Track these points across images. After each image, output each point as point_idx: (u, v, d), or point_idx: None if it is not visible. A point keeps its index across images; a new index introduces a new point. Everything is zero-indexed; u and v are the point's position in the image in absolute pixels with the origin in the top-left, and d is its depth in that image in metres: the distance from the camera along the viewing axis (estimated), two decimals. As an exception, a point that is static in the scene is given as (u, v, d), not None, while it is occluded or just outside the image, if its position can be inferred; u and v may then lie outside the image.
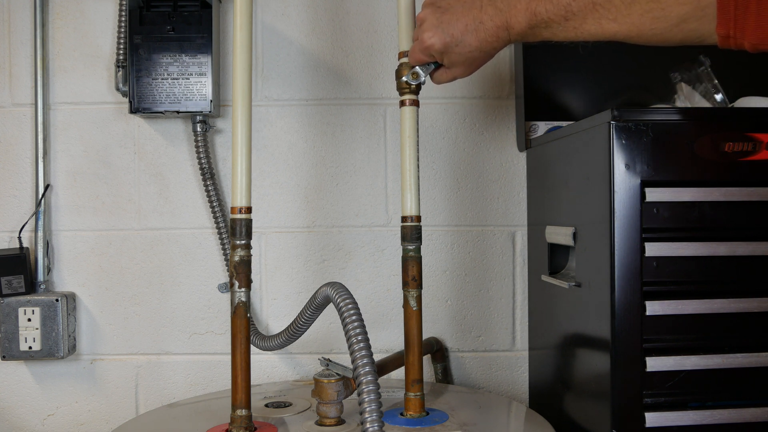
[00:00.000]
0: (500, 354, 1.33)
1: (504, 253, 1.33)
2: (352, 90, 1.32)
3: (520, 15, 0.80)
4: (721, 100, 1.13)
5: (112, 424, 1.30)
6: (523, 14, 0.80)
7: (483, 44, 0.85)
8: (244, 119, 0.95)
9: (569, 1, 0.75)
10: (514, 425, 1.06)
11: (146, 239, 1.32)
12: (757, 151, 0.88)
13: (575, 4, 0.75)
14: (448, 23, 0.86)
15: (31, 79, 1.30)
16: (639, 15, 0.71)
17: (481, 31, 0.84)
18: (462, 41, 0.86)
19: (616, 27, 0.73)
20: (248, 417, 0.95)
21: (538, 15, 0.78)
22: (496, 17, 0.82)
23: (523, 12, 0.80)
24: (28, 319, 1.24)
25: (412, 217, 1.01)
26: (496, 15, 0.83)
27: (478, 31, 0.84)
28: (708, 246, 0.89)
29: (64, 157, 1.31)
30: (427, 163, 1.32)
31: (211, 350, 1.32)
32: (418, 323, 1.01)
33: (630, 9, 0.71)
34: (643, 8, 0.70)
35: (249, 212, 0.95)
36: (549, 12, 0.77)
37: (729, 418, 0.88)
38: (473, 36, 0.85)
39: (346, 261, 1.32)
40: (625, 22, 0.72)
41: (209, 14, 1.22)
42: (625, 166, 0.87)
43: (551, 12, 0.77)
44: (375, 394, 0.78)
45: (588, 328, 0.97)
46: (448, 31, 0.86)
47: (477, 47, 0.85)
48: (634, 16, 0.71)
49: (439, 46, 0.87)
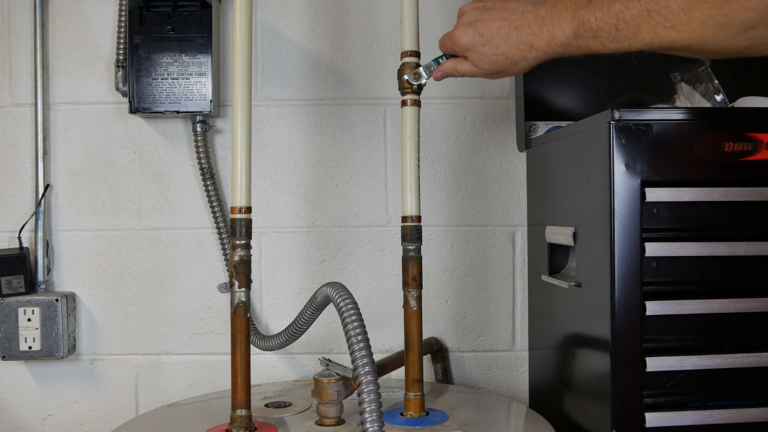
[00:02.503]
0: (500, 354, 1.33)
1: (504, 253, 1.32)
2: (352, 90, 1.32)
3: (565, 23, 0.75)
4: (721, 100, 1.13)
5: (112, 424, 1.30)
6: (569, 22, 0.75)
7: (510, 50, 0.81)
8: (243, 119, 0.95)
9: (621, 8, 0.71)
10: (514, 425, 1.06)
11: (146, 239, 1.31)
12: (757, 151, 0.88)
13: (628, 12, 0.70)
14: (483, 22, 0.83)
15: (31, 79, 1.30)
16: (700, 22, 0.66)
17: (513, 37, 0.80)
18: (490, 42, 0.82)
19: (674, 35, 0.68)
20: (248, 417, 0.95)
21: (586, 23, 0.73)
22: (535, 25, 0.78)
23: (569, 20, 0.75)
24: (28, 319, 1.24)
25: (412, 217, 1.01)
26: (536, 23, 0.78)
27: (510, 36, 0.80)
28: (708, 246, 0.89)
29: (64, 157, 1.31)
30: (427, 163, 1.32)
31: (211, 350, 1.32)
32: (418, 323, 1.01)
33: (690, 16, 0.67)
34: (704, 15, 0.66)
35: (249, 212, 0.95)
36: (599, 20, 0.72)
37: (729, 418, 0.88)
38: (503, 40, 0.81)
39: (346, 261, 1.32)
40: (685, 30, 0.67)
41: (209, 14, 1.22)
42: (625, 166, 0.87)
43: (601, 20, 0.72)
44: (375, 394, 0.78)
45: (588, 328, 0.97)
46: (479, 30, 0.83)
47: (503, 52, 0.82)
48: (694, 24, 0.67)
49: (465, 42, 0.84)
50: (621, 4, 0.71)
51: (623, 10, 0.71)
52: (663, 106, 1.15)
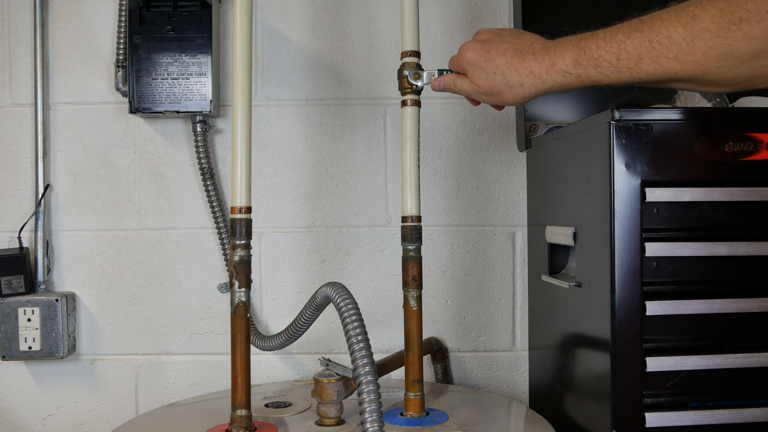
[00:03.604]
0: (500, 354, 1.33)
1: (504, 253, 1.32)
2: (352, 90, 1.32)
3: (567, 52, 0.76)
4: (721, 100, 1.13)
5: (112, 424, 1.30)
6: (571, 51, 0.75)
7: (509, 71, 0.81)
8: (244, 119, 0.95)
9: (623, 38, 0.70)
10: (514, 425, 1.06)
11: (146, 239, 1.31)
12: (757, 151, 0.88)
13: (630, 42, 0.70)
14: (493, 42, 0.84)
15: (31, 79, 1.30)
16: (703, 52, 0.65)
17: (516, 60, 0.80)
18: (492, 60, 0.82)
19: (677, 66, 0.67)
20: (248, 417, 0.95)
21: (587, 51, 0.73)
22: (540, 53, 0.79)
23: (572, 49, 0.75)
24: (27, 319, 1.24)
25: (412, 217, 1.01)
26: (541, 51, 0.79)
27: (513, 58, 0.81)
28: (708, 246, 0.89)
29: (64, 157, 1.31)
30: (428, 163, 1.32)
31: (211, 350, 1.32)
32: (418, 323, 1.01)
33: (692, 46, 0.66)
34: (707, 44, 0.65)
35: (249, 212, 0.95)
36: (600, 48, 0.72)
37: (729, 418, 0.88)
38: (505, 60, 0.81)
39: (346, 261, 1.32)
40: (688, 60, 0.66)
41: (209, 14, 1.22)
42: (625, 166, 0.87)
43: (603, 49, 0.72)
44: (375, 394, 0.78)
45: (588, 328, 0.97)
46: (487, 48, 0.84)
47: (502, 72, 0.81)
48: (697, 54, 0.66)
49: (470, 56, 0.85)
50: (623, 34, 0.71)
51: (625, 40, 0.70)
52: (663, 106, 1.15)
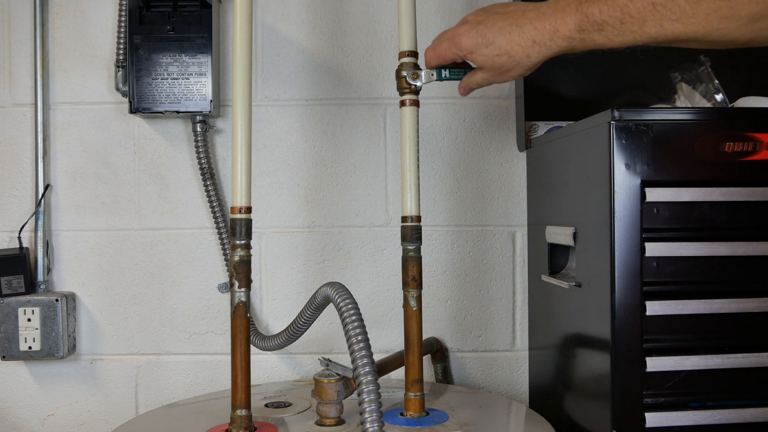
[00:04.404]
0: (500, 354, 1.33)
1: (504, 253, 1.32)
2: (352, 90, 1.32)
3: (568, 17, 0.75)
4: (721, 100, 1.13)
5: (112, 424, 1.30)
6: (573, 16, 0.74)
7: (514, 49, 0.80)
8: (244, 119, 0.95)
9: (626, 2, 0.70)
10: (514, 425, 1.06)
11: (146, 239, 1.31)
12: (757, 151, 0.88)
13: (633, 5, 0.70)
14: (485, 24, 0.82)
15: (31, 79, 1.30)
16: (706, 14, 0.66)
17: (515, 34, 0.79)
18: (492, 43, 0.81)
19: (680, 28, 0.68)
20: (248, 417, 0.95)
21: (590, 16, 0.73)
22: (537, 21, 0.78)
23: (573, 14, 0.74)
24: (27, 319, 1.24)
25: (412, 217, 1.01)
26: (538, 19, 0.78)
27: (512, 34, 0.80)
28: (708, 246, 0.89)
29: (64, 157, 1.31)
30: (427, 163, 1.32)
31: (211, 350, 1.32)
32: (418, 323, 1.01)
33: (696, 8, 0.67)
34: (710, 7, 0.66)
35: (249, 212, 0.95)
36: (603, 13, 0.72)
37: (729, 418, 0.88)
38: (505, 39, 0.80)
39: (346, 261, 1.32)
40: (691, 23, 0.68)
41: (209, 14, 1.22)
42: (625, 166, 0.87)
43: (606, 13, 0.72)
44: (375, 394, 0.78)
45: (588, 328, 0.97)
46: (482, 32, 0.82)
47: (506, 51, 0.81)
48: (700, 16, 0.67)
49: (468, 44, 0.84)
50: None
51: (628, 4, 0.70)
52: (663, 106, 1.15)
